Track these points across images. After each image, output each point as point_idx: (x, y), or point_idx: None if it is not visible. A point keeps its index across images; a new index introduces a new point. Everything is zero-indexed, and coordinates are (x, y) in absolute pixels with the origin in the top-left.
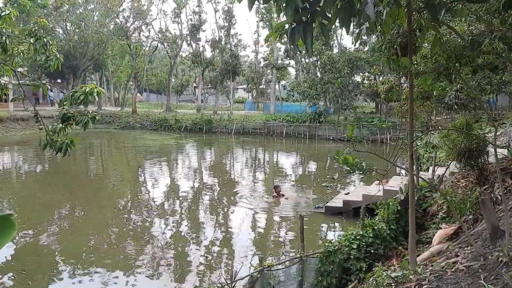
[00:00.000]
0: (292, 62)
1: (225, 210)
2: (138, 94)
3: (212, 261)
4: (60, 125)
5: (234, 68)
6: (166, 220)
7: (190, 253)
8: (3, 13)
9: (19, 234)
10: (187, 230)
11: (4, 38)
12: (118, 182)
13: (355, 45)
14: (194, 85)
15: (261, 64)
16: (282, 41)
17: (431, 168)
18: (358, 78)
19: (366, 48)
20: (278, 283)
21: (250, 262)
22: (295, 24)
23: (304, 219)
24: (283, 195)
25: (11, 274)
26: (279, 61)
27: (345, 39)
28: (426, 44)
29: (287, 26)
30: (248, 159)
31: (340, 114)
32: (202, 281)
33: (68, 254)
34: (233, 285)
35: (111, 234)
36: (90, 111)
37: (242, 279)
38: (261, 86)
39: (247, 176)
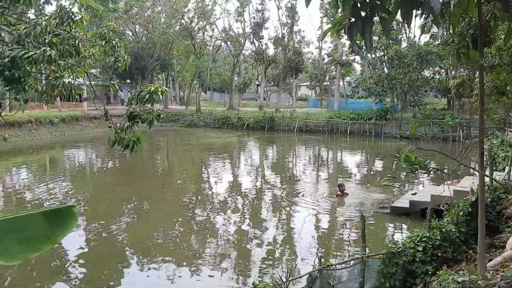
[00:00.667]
0: (358, 58)
1: (287, 208)
2: (202, 93)
3: (273, 259)
4: (127, 123)
5: (297, 65)
6: (229, 216)
7: (252, 250)
8: (76, 18)
9: (93, 225)
10: (249, 227)
11: (77, 41)
12: (182, 178)
13: (419, 39)
14: (257, 83)
15: (325, 61)
16: (343, 37)
17: (507, 168)
18: (428, 73)
19: (437, 42)
20: (338, 283)
21: (314, 261)
22: (353, 19)
23: (369, 219)
24: (347, 194)
25: (85, 262)
26: (344, 57)
27: (413, 32)
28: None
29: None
30: (310, 157)
31: (408, 111)
32: (264, 278)
33: (136, 246)
34: (287, 284)
35: (176, 229)
36: (156, 110)
37: (299, 277)
38: (325, 83)
39: (309, 174)
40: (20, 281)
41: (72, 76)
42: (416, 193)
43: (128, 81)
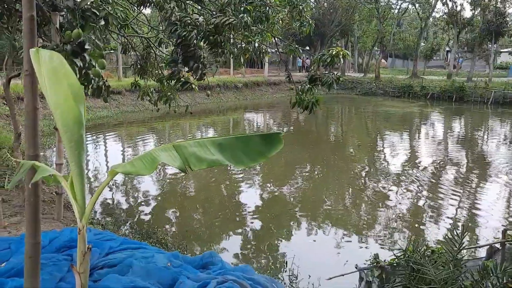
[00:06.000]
0: None
1: (473, 187)
2: (383, 60)
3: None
4: (308, 85)
5: (498, 28)
6: (403, 191)
7: (427, 228)
8: None
9: (267, 185)
10: (426, 205)
11: (267, 8)
12: (355, 148)
13: None
14: (447, 49)
15: None
16: None
17: None
18: None
19: None
20: None
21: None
22: None
23: None
24: None
25: (259, 219)
26: None
27: None
28: None
29: None
30: (507, 134)
31: None
32: None
33: (306, 209)
34: (457, 252)
35: (347, 197)
36: (336, 74)
37: (477, 247)
38: None
39: (504, 153)
40: (206, 226)
41: (261, 41)
42: None
43: (307, 48)
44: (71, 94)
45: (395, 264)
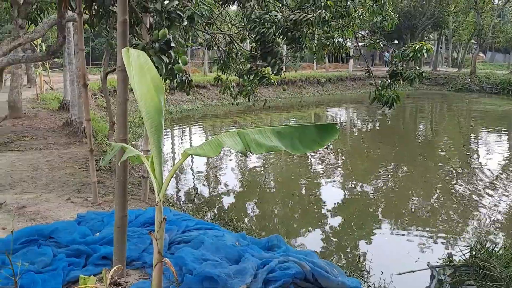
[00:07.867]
0: None
1: None
2: (481, 54)
3: None
4: (389, 80)
5: None
6: (499, 195)
7: None
8: None
9: (349, 182)
10: None
11: (348, 3)
12: (446, 147)
13: None
14: None
15: None
16: None
17: None
18: None
19: None
20: None
21: None
22: None
23: None
24: None
25: (340, 215)
26: None
27: None
28: None
29: None
30: None
31: None
32: None
33: (389, 209)
34: None
35: (434, 200)
36: (419, 69)
37: None
38: None
39: None
40: (284, 220)
41: (341, 36)
42: None
43: (396, 41)
44: (153, 87)
45: (469, 265)
